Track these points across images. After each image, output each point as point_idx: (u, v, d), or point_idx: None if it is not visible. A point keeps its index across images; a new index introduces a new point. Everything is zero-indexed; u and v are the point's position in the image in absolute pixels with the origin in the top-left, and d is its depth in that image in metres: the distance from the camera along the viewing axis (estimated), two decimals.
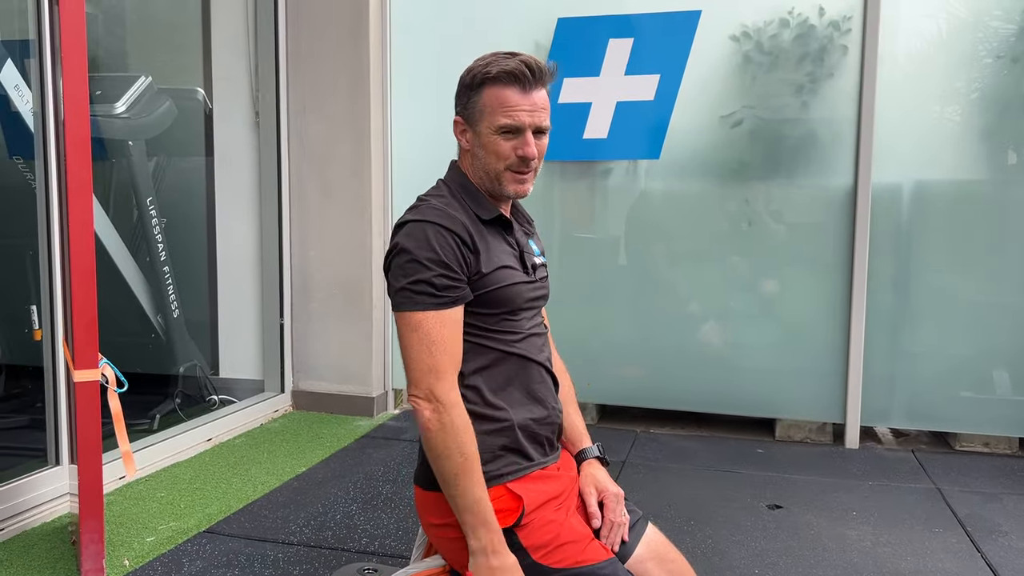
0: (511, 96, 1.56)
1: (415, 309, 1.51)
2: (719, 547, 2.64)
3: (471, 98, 1.61)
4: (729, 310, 3.86)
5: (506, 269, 1.60)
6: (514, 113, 1.56)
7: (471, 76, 1.60)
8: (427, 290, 1.50)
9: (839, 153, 3.66)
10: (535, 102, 1.58)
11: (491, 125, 1.57)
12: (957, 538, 2.71)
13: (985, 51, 3.52)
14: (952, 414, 3.66)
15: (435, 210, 1.56)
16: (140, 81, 3.69)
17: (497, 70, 1.56)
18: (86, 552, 2.33)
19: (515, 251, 1.66)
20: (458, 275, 1.52)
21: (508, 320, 1.61)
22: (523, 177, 1.62)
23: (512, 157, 1.58)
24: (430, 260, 1.50)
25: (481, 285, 1.56)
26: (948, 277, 3.64)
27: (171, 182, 4.24)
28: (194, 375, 3.98)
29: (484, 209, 1.63)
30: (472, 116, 1.61)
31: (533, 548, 1.51)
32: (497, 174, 1.60)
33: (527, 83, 1.57)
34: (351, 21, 4.00)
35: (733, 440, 3.81)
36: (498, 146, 1.58)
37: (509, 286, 1.59)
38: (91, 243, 2.31)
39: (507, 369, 1.60)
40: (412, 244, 1.52)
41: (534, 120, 1.57)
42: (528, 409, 1.61)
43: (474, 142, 1.62)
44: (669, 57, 3.78)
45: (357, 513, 2.89)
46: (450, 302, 1.52)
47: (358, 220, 4.09)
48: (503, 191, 1.62)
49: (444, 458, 1.48)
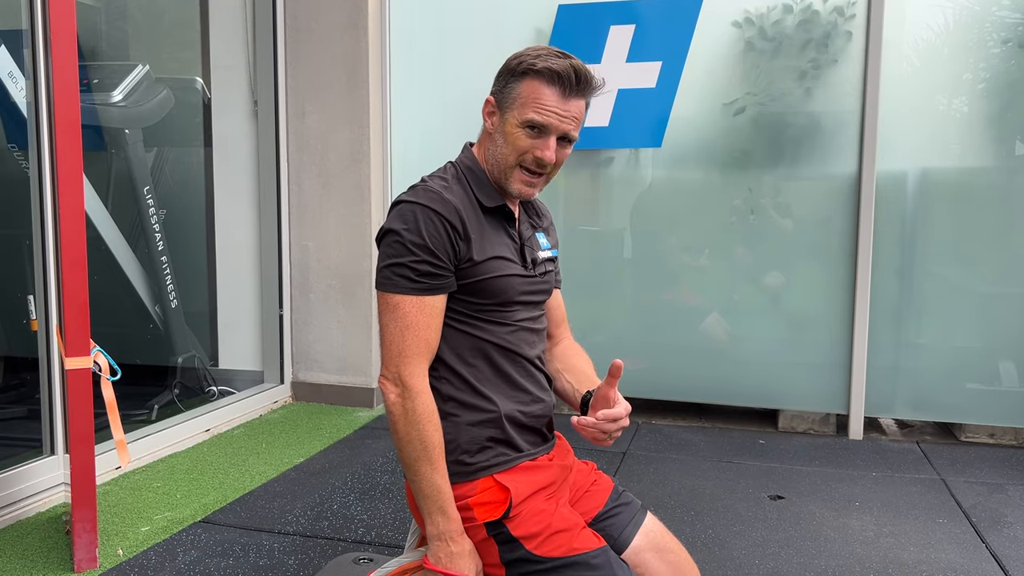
0: (549, 95, 1.52)
1: (393, 291, 1.49)
2: (720, 537, 2.61)
3: (509, 83, 1.56)
4: (732, 300, 3.83)
5: (500, 260, 1.56)
6: (546, 112, 1.51)
7: (517, 62, 1.56)
8: (407, 274, 1.48)
9: (843, 141, 3.62)
10: (570, 109, 1.53)
11: (519, 116, 1.53)
12: (961, 529, 2.68)
13: (992, 39, 3.46)
14: (957, 405, 3.62)
15: (430, 193, 1.52)
16: (137, 70, 3.66)
17: (543, 65, 1.51)
18: (79, 541, 2.32)
19: (515, 243, 1.61)
20: (443, 263, 1.49)
21: (498, 311, 1.57)
22: (533, 180, 1.57)
23: (528, 155, 1.54)
24: (415, 245, 1.47)
25: (471, 274, 1.53)
26: (953, 267, 3.59)
27: (170, 172, 4.23)
28: (193, 366, 3.96)
29: (487, 196, 1.58)
30: (504, 101, 1.57)
31: (525, 538, 1.49)
32: (508, 167, 1.56)
33: (569, 88, 1.52)
34: (350, 9, 3.97)
35: (735, 431, 3.78)
36: (519, 140, 1.53)
37: (500, 277, 1.55)
38: (82, 229, 2.29)
39: (494, 360, 1.57)
40: (401, 225, 1.49)
41: (563, 126, 1.53)
42: (516, 399, 1.58)
43: (498, 127, 1.58)
44: (671, 44, 3.74)
45: (354, 503, 2.86)
46: (429, 289, 1.49)
47: (357, 210, 4.06)
48: (508, 186, 1.57)
49: (405, 443, 1.47)
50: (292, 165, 4.14)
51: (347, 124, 4.03)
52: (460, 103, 4.04)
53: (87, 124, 3.53)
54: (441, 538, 1.46)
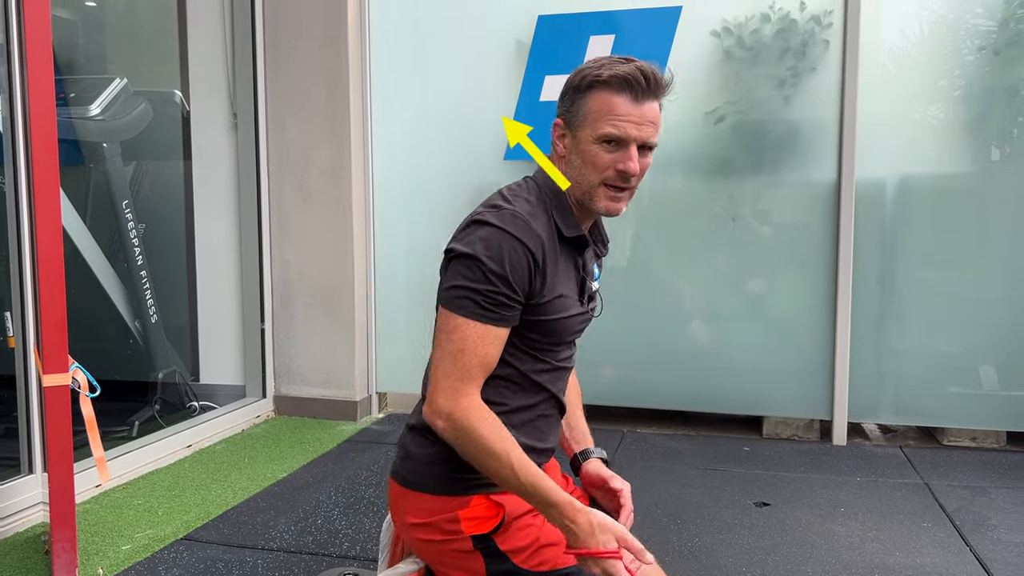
0: (620, 104, 1.43)
1: (460, 314, 1.41)
2: (706, 545, 2.60)
3: (576, 101, 1.49)
4: (714, 307, 3.84)
5: (563, 299, 1.50)
6: (620, 123, 1.43)
7: (579, 77, 1.48)
8: (480, 301, 1.40)
9: (822, 148, 3.65)
10: (644, 114, 1.45)
11: (593, 133, 1.45)
12: (945, 532, 2.69)
13: (967, 46, 3.51)
14: (939, 409, 3.65)
15: (518, 221, 1.44)
16: (115, 83, 3.64)
17: (608, 74, 1.43)
18: (58, 561, 2.28)
19: (579, 275, 1.57)
20: (517, 297, 1.43)
21: (546, 351, 1.53)
22: (619, 195, 1.49)
23: (611, 171, 1.45)
24: (495, 275, 1.40)
25: (535, 312, 1.47)
26: (933, 272, 3.62)
27: (149, 186, 4.19)
28: (174, 381, 3.92)
29: (568, 225, 1.51)
30: (574, 120, 1.49)
31: (513, 552, 1.47)
32: (591, 187, 1.48)
33: (640, 92, 1.44)
34: (329, 21, 3.96)
35: (720, 439, 3.78)
36: (597, 157, 1.45)
37: (561, 319, 1.50)
38: (59, 245, 2.26)
39: (524, 393, 1.53)
40: (483, 251, 1.41)
41: (641, 134, 1.45)
42: (529, 435, 1.55)
43: (571, 148, 1.50)
44: (650, 54, 3.74)
45: (339, 518, 2.84)
46: (499, 320, 1.42)
47: (339, 224, 4.04)
48: (594, 206, 1.50)
49: (477, 462, 1.41)
50: (273, 178, 4.12)
51: (328, 138, 4.02)
52: (441, 117, 4.04)
53: (65, 138, 3.50)
54: (564, 525, 1.38)
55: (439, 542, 1.50)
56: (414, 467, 1.55)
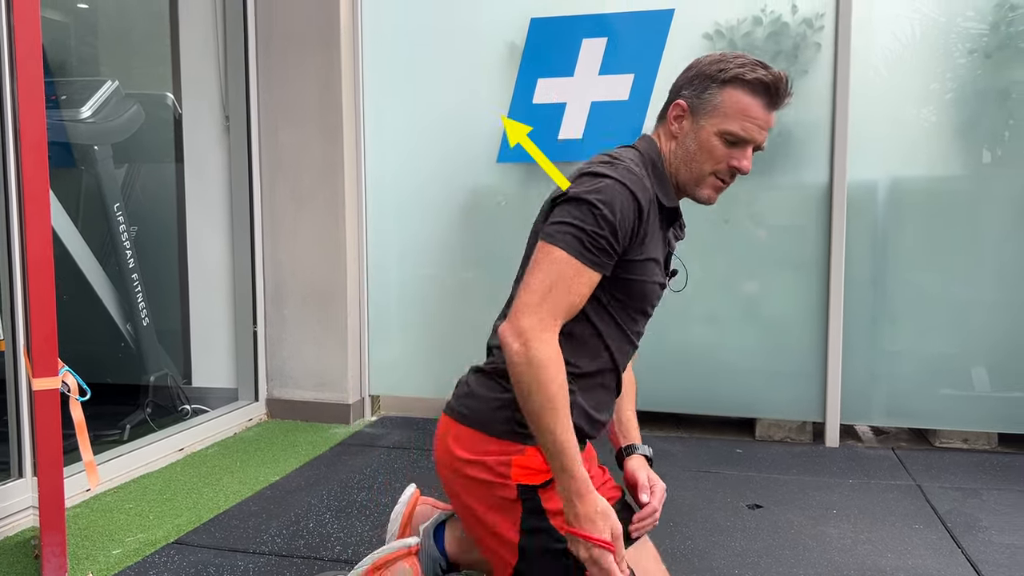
0: (754, 108, 1.50)
1: (562, 248, 1.44)
2: (699, 548, 2.60)
3: (709, 89, 1.53)
4: (707, 309, 3.84)
5: (654, 263, 1.55)
6: (750, 126, 1.50)
7: (718, 68, 1.52)
8: (584, 241, 1.44)
9: (814, 151, 3.66)
10: (770, 120, 1.53)
11: (719, 126, 1.51)
12: (937, 534, 2.69)
13: (958, 49, 3.52)
14: (931, 411, 3.66)
15: (633, 175, 1.49)
16: (107, 85, 3.62)
17: (753, 76, 1.49)
18: (48, 566, 2.27)
19: (667, 248, 1.61)
20: (617, 247, 1.47)
21: (627, 317, 1.57)
22: (722, 187, 1.57)
23: (724, 165, 1.52)
24: (604, 220, 1.44)
25: (628, 269, 1.51)
26: (925, 274, 3.63)
27: (141, 188, 4.18)
28: (165, 385, 3.91)
29: (666, 195, 1.56)
30: (701, 107, 1.53)
31: (552, 513, 1.49)
32: (701, 175, 1.54)
33: (775, 101, 1.51)
34: (322, 24, 3.96)
35: (713, 441, 3.78)
36: (715, 149, 1.52)
37: (649, 283, 1.55)
38: (49, 248, 2.25)
39: (590, 359, 1.56)
40: (598, 197, 1.45)
41: (760, 137, 1.53)
42: (587, 400, 1.58)
43: (688, 132, 1.55)
44: (643, 56, 3.76)
45: (331, 521, 2.83)
46: (596, 264, 1.46)
47: (332, 226, 4.03)
48: (696, 192, 1.56)
49: (527, 394, 1.40)
50: (265, 181, 4.11)
51: (320, 141, 4.01)
52: (434, 118, 4.03)
53: (56, 141, 3.49)
54: (569, 499, 1.40)
55: (485, 482, 1.51)
56: (478, 407, 1.57)
